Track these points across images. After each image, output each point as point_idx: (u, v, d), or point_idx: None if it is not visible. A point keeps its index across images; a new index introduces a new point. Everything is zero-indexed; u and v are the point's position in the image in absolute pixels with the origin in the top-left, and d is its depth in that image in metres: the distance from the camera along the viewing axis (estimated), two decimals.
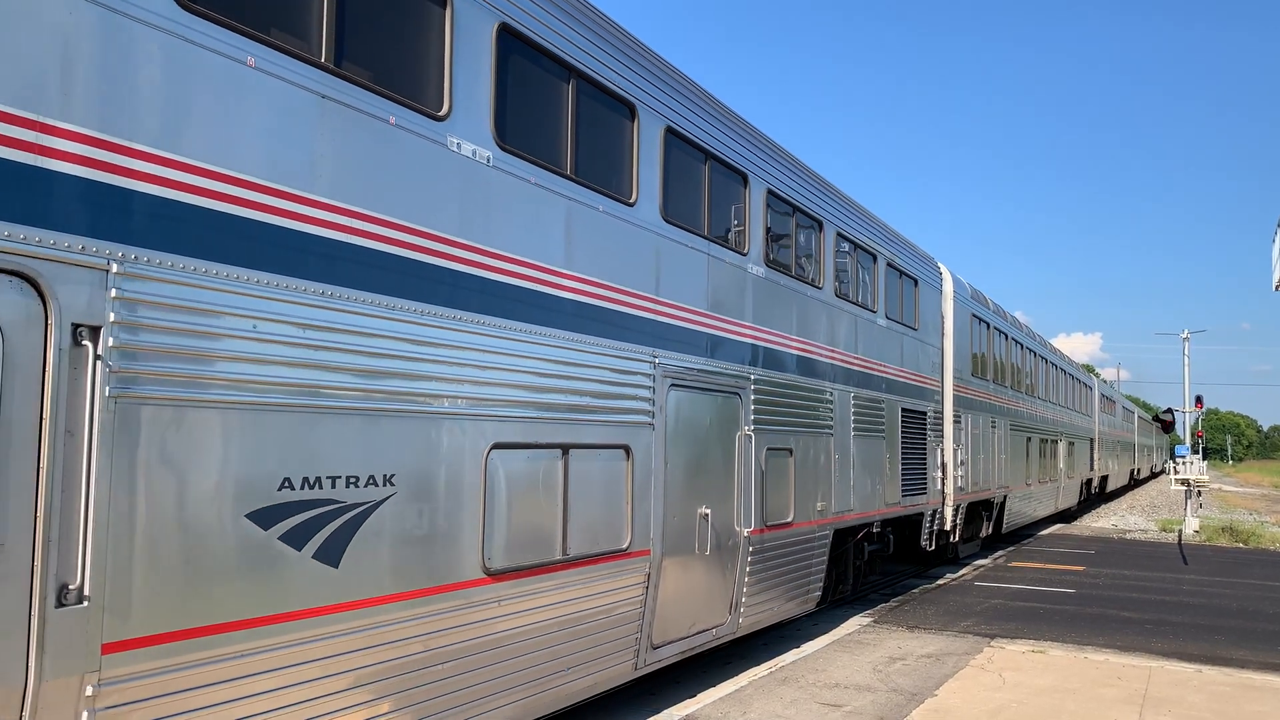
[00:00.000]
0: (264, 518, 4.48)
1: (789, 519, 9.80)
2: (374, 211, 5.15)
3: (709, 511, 8.30)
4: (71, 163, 3.81)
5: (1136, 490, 54.66)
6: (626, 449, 7.21)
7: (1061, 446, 27.06)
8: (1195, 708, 8.63)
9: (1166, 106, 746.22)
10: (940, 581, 16.04)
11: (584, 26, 6.93)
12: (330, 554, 4.80)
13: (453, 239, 5.66)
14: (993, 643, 11.14)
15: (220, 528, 4.29)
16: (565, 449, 6.54)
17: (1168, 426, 40.48)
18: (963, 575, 16.84)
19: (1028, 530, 24.79)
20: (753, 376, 9.17)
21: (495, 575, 5.88)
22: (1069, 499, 28.43)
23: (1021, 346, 22.18)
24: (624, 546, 7.15)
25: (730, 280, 8.90)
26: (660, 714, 8.12)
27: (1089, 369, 55.55)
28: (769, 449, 9.39)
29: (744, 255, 9.19)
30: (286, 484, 4.59)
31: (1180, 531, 26.43)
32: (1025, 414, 22.05)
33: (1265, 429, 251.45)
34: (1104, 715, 8.31)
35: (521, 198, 6.25)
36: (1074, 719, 8.18)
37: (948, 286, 16.06)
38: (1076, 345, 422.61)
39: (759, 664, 9.93)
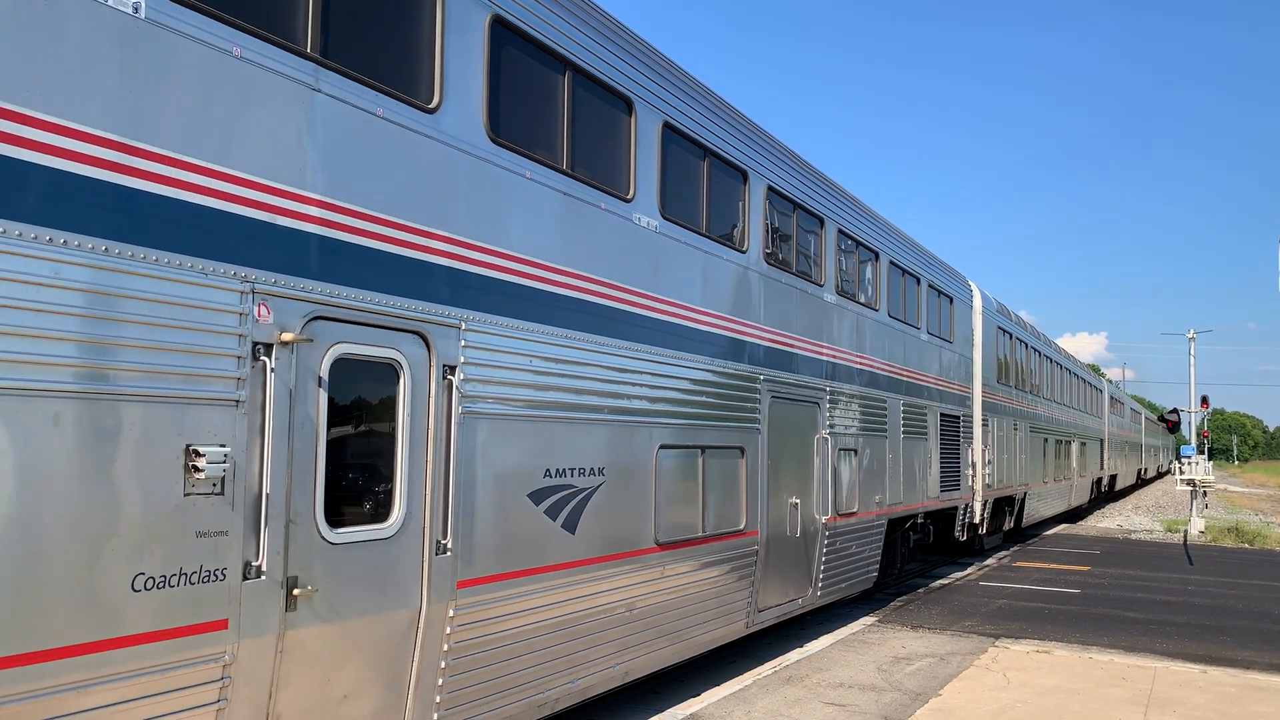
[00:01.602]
0: (536, 496, 6.46)
1: (855, 509, 11.83)
2: (592, 274, 7.13)
3: (797, 501, 10.31)
4: (445, 258, 5.79)
5: (1142, 490, 55.89)
6: (741, 449, 9.21)
7: (1075, 447, 29.26)
8: (1200, 708, 8.75)
9: (1172, 105, 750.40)
10: (945, 581, 16.48)
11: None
12: (570, 524, 6.79)
13: (639, 290, 7.66)
14: (997, 643, 11.39)
15: (516, 503, 6.28)
16: (703, 449, 8.53)
17: (1173, 427, 40.46)
18: (967, 575, 17.28)
19: (1033, 530, 25.98)
20: (827, 388, 11.18)
21: (662, 546, 7.87)
22: (1081, 497, 30.63)
23: (1039, 354, 24.31)
24: (741, 528, 9.16)
25: (811, 308, 10.90)
26: (664, 712, 8.41)
27: (1094, 369, 57.61)
28: (839, 449, 11.40)
29: (820, 286, 11.20)
30: (548, 473, 6.57)
31: (1185, 532, 27.07)
32: (1043, 417, 24.16)
33: (1271, 429, 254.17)
34: (1109, 716, 8.44)
35: (676, 254, 8.24)
36: (1078, 719, 8.38)
37: (977, 302, 18.16)
38: (1082, 345, 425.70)
39: (763, 663, 10.24)
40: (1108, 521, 31.29)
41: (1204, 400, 37.02)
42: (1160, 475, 76.59)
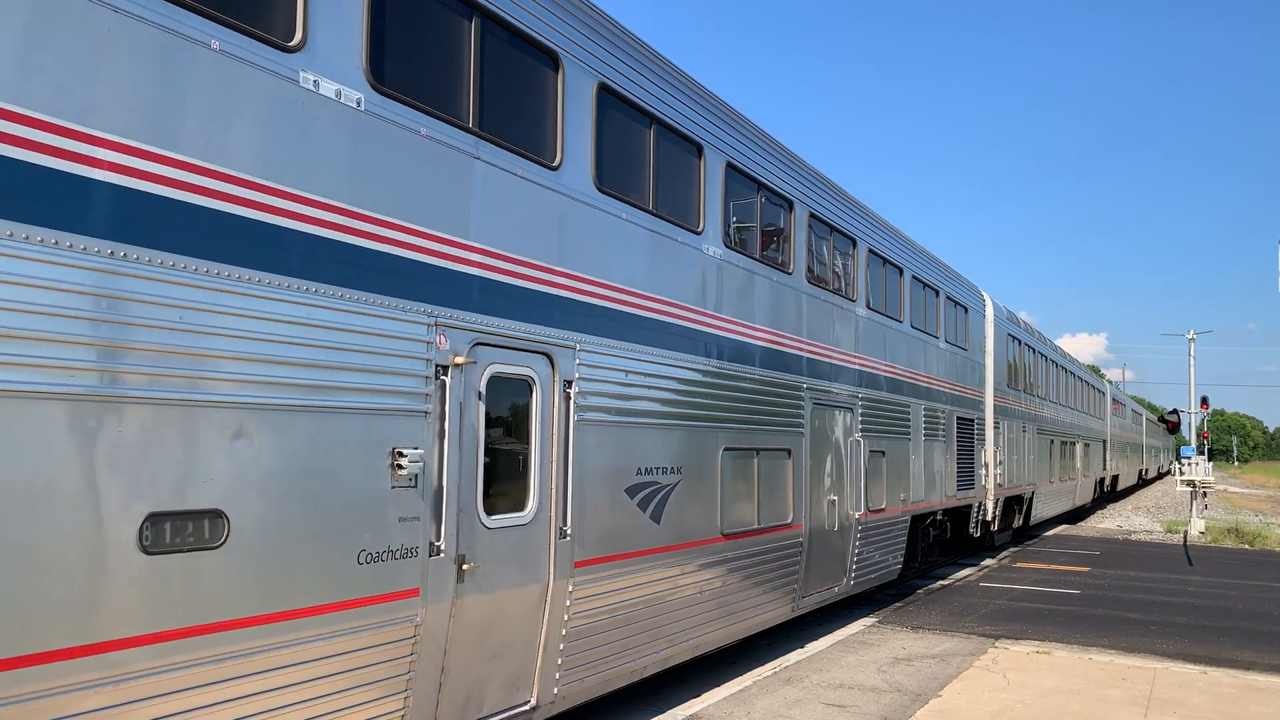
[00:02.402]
0: (631, 491, 7.65)
1: (883, 506, 13.04)
2: (671, 298, 8.32)
3: (835, 498, 11.51)
4: (565, 290, 6.98)
5: (1142, 491, 56.86)
6: (789, 451, 10.41)
7: (1079, 448, 30.56)
8: (1200, 709, 8.85)
9: (1171, 105, 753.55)
10: (944, 582, 16.71)
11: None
12: (656, 515, 7.98)
13: (707, 311, 8.86)
14: (997, 643, 11.52)
15: (616, 496, 7.46)
16: (758, 451, 9.73)
17: (1173, 428, 40.84)
18: (967, 576, 17.53)
19: (1040, 529, 26.81)
20: (860, 395, 12.39)
21: (726, 536, 9.07)
22: (1085, 496, 31.94)
23: (1046, 359, 25.58)
24: (789, 521, 10.36)
25: (846, 321, 12.11)
26: (665, 714, 8.54)
27: (1094, 369, 58.92)
28: (870, 451, 12.61)
29: (853, 301, 12.41)
30: (639, 471, 7.76)
31: (1185, 533, 27.41)
32: (1049, 419, 25.43)
33: (1271, 430, 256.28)
34: (1108, 716, 8.55)
35: (736, 278, 9.43)
36: None
37: (989, 311, 19.40)
38: (1081, 346, 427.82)
39: (763, 664, 10.42)
40: (1107, 522, 31.75)
41: (1204, 401, 37.36)
42: (1161, 476, 77.96)
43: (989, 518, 18.74)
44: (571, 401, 6.99)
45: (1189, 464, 29.17)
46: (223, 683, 4.55)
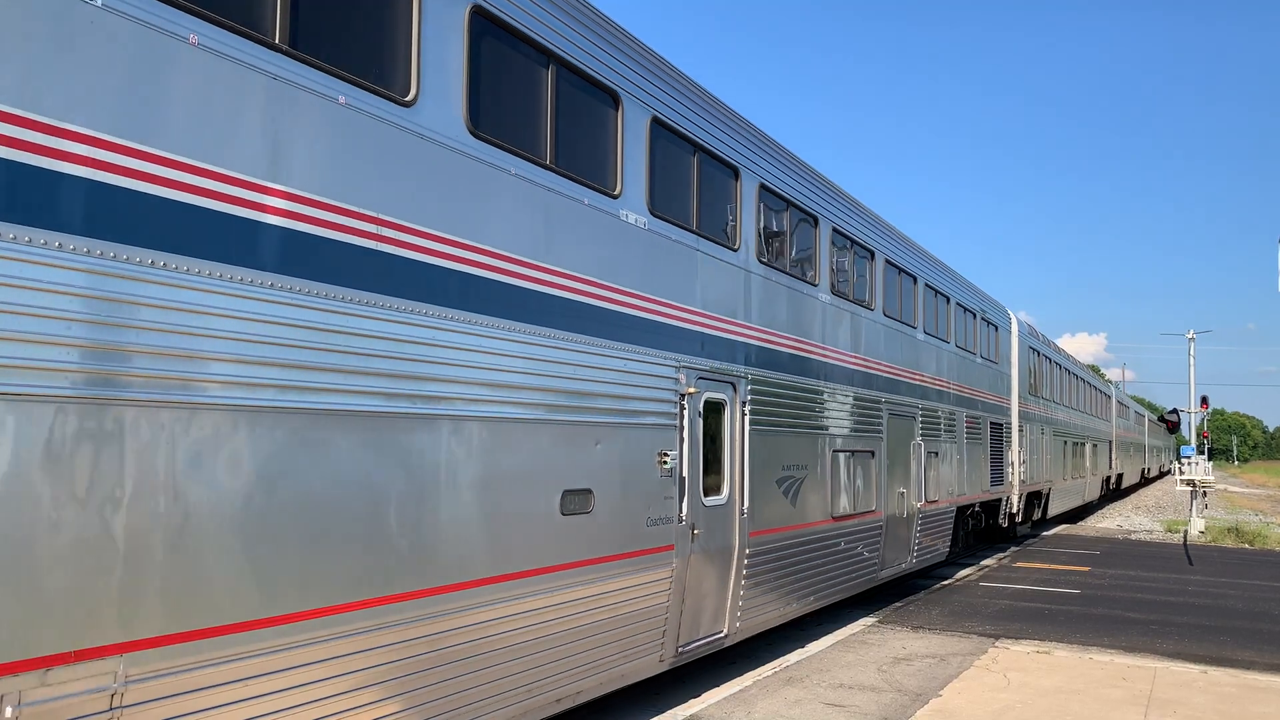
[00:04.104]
0: (778, 482, 10.65)
1: (937, 498, 16.11)
2: (797, 335, 11.33)
3: (904, 491, 14.57)
4: (743, 337, 9.99)
5: (1143, 490, 59.37)
6: (872, 452, 13.45)
7: (1088, 448, 33.89)
8: (1200, 709, 8.99)
9: (1171, 104, 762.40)
10: (945, 582, 17.30)
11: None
12: (792, 500, 10.99)
13: (819, 343, 11.88)
14: (997, 643, 11.80)
15: (770, 486, 10.46)
16: (853, 452, 12.77)
17: (1173, 427, 42.30)
18: (967, 575, 18.13)
19: (1054, 521, 28.87)
20: (920, 405, 15.46)
21: (834, 518, 12.10)
22: (1093, 493, 35.31)
23: (1060, 367, 28.85)
24: (873, 509, 13.40)
25: (909, 345, 15.17)
26: (665, 714, 8.82)
27: (1095, 369, 62.25)
28: (928, 451, 15.68)
29: (914, 327, 15.47)
30: (783, 466, 10.77)
31: (1186, 532, 28.25)
32: (1062, 422, 28.67)
33: (1271, 430, 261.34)
34: (1109, 716, 8.71)
35: (838, 316, 12.45)
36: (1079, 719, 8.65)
37: (1014, 327, 22.58)
38: (1081, 345, 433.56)
39: (763, 664, 10.75)
40: (1108, 522, 32.74)
41: (1204, 401, 38.38)
42: (1163, 474, 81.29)
43: (1014, 510, 21.90)
44: (746, 417, 10.00)
45: (1189, 463, 29.98)
46: (599, 595, 7.57)
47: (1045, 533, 27.52)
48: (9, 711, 3.89)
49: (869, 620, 13.48)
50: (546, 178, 7.15)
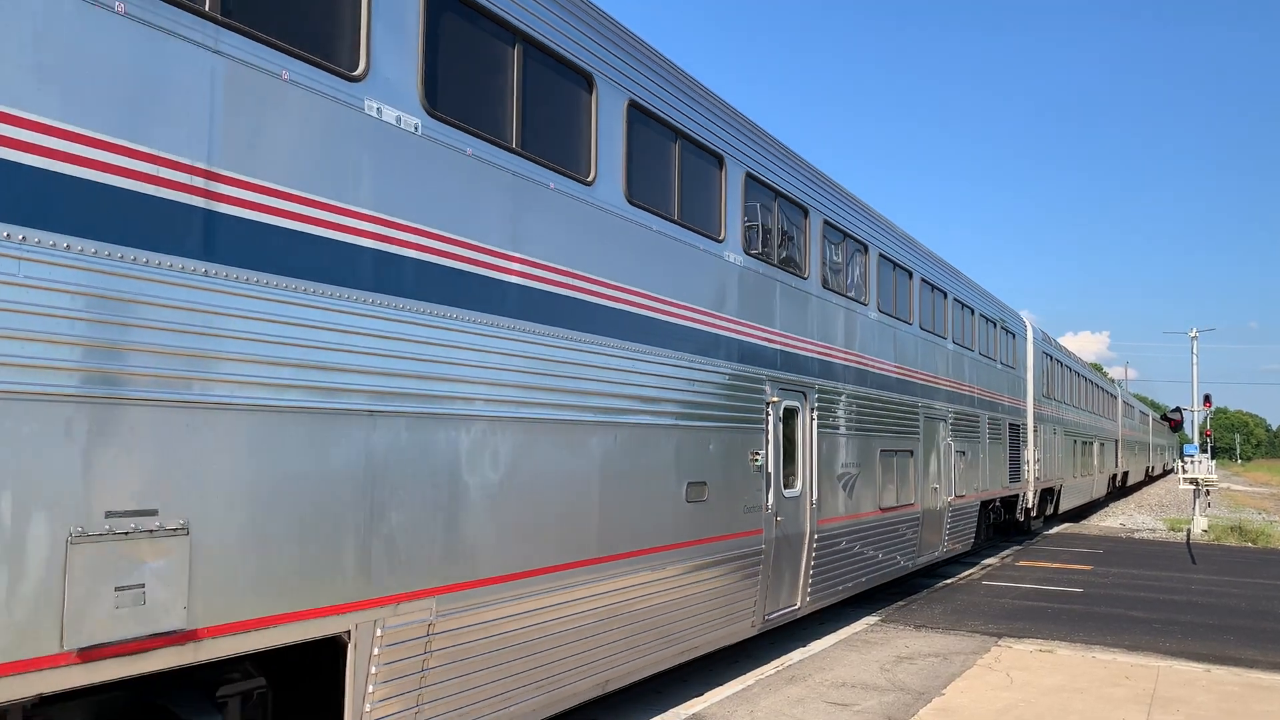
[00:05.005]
0: (838, 478, 12.47)
1: (964, 494, 17.99)
2: (851, 349, 13.18)
3: (937, 487, 16.43)
4: (813, 353, 11.84)
5: (1146, 489, 60.74)
6: (911, 452, 15.31)
7: (1095, 447, 35.88)
8: (1203, 707, 9.04)
9: (1173, 102, 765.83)
10: (948, 581, 17.55)
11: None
12: (848, 493, 12.81)
13: (867, 355, 13.73)
14: (1000, 642, 11.95)
15: (833, 481, 12.29)
16: (895, 451, 14.62)
17: (1175, 425, 42.74)
18: (970, 574, 18.47)
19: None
20: (950, 409, 17.33)
21: (882, 510, 13.95)
22: (1100, 490, 37.34)
23: (1070, 370, 30.82)
24: (911, 503, 15.26)
25: (940, 353, 17.04)
26: (667, 712, 8.93)
27: (1097, 368, 64.20)
28: (956, 451, 17.54)
29: (944, 337, 17.34)
30: (842, 464, 12.60)
31: (1189, 531, 28.86)
32: (1073, 422, 30.62)
33: (1274, 428, 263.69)
34: (1112, 715, 8.76)
35: (882, 331, 14.30)
36: (1082, 718, 8.68)
37: (1030, 334, 24.52)
38: (1084, 344, 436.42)
39: (766, 663, 10.90)
40: (1111, 520, 33.37)
41: (1207, 399, 38.57)
42: (1166, 472, 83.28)
43: (1030, 505, 23.79)
44: (814, 421, 11.84)
45: (1192, 462, 30.89)
46: (712, 566, 9.41)
47: (1049, 531, 28.20)
48: (378, 631, 5.71)
49: (871, 619, 13.78)
50: (683, 234, 9.01)
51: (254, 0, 5.14)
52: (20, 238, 4.07)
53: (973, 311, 19.32)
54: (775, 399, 10.79)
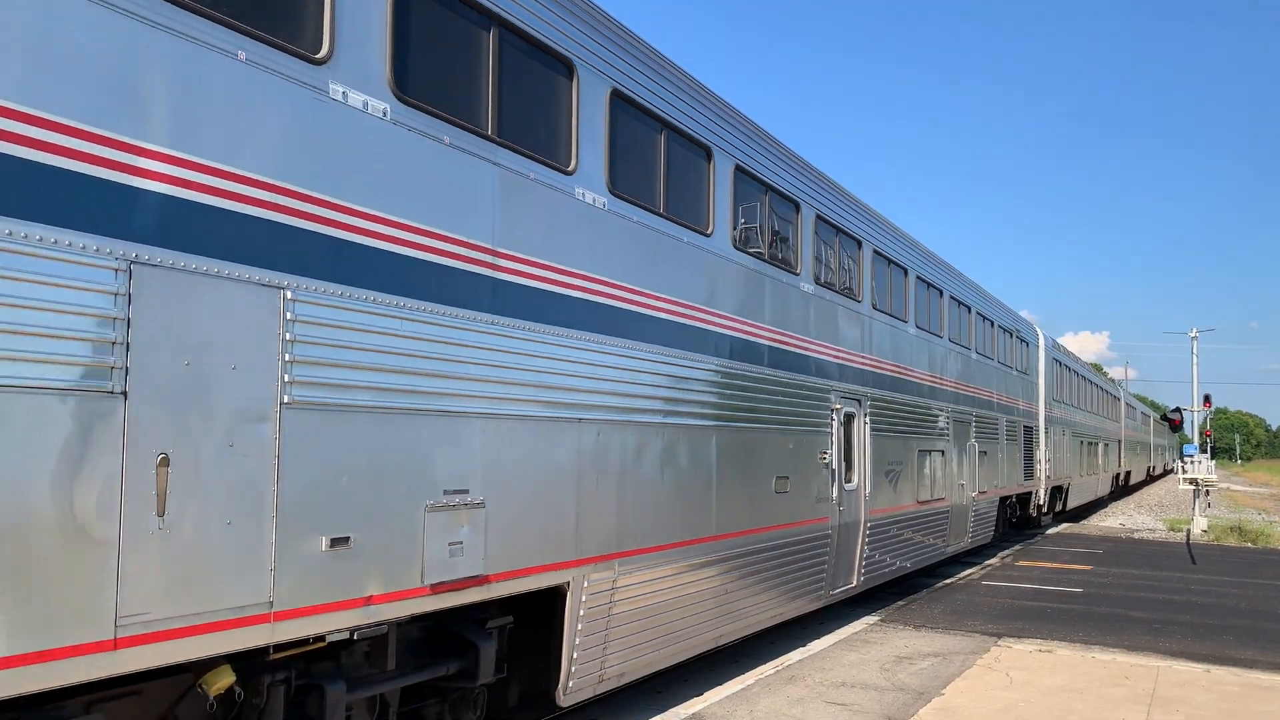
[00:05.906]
0: (885, 473, 14.50)
1: (986, 490, 20.05)
2: (898, 362, 15.21)
3: (962, 483, 18.47)
4: (868, 366, 13.87)
5: (1146, 489, 61.88)
6: (942, 451, 17.34)
7: (1100, 447, 38.06)
8: (1203, 708, 9.06)
9: (1174, 101, 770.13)
10: (947, 580, 17.76)
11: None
12: (893, 486, 14.84)
13: (909, 366, 15.78)
14: (1000, 642, 12.05)
15: (881, 475, 14.32)
16: (929, 451, 16.65)
17: (1175, 426, 43.20)
18: (970, 574, 18.67)
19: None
20: (974, 412, 19.38)
21: (919, 503, 15.97)
22: (1104, 489, 39.53)
23: (1077, 374, 32.98)
24: (943, 497, 17.29)
25: (969, 363, 19.11)
26: (667, 712, 8.98)
27: (1097, 368, 66.25)
28: (979, 450, 19.59)
29: (968, 348, 19.41)
30: (889, 462, 14.63)
31: (1188, 531, 29.26)
32: (1080, 424, 32.75)
33: (1274, 428, 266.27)
34: (1112, 715, 8.78)
35: (922, 347, 16.34)
36: (1082, 718, 8.70)
37: (1041, 341, 26.65)
38: (1084, 344, 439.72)
39: (765, 662, 10.99)
40: (1110, 520, 33.77)
41: (1207, 399, 38.74)
42: (1167, 472, 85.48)
43: (1041, 502, 25.89)
44: (867, 424, 13.86)
45: (1192, 462, 31.31)
46: (793, 545, 11.41)
47: (1050, 531, 28.67)
48: (585, 583, 7.72)
49: (871, 619, 13.96)
50: (772, 271, 11.05)
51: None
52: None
53: (992, 324, 21.39)
54: (838, 406, 12.81)
